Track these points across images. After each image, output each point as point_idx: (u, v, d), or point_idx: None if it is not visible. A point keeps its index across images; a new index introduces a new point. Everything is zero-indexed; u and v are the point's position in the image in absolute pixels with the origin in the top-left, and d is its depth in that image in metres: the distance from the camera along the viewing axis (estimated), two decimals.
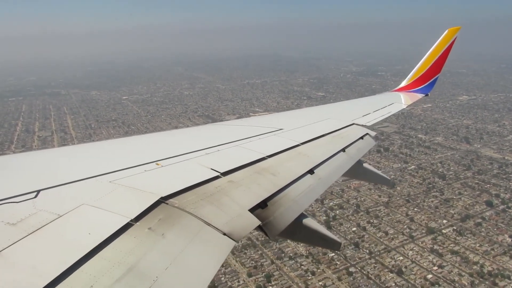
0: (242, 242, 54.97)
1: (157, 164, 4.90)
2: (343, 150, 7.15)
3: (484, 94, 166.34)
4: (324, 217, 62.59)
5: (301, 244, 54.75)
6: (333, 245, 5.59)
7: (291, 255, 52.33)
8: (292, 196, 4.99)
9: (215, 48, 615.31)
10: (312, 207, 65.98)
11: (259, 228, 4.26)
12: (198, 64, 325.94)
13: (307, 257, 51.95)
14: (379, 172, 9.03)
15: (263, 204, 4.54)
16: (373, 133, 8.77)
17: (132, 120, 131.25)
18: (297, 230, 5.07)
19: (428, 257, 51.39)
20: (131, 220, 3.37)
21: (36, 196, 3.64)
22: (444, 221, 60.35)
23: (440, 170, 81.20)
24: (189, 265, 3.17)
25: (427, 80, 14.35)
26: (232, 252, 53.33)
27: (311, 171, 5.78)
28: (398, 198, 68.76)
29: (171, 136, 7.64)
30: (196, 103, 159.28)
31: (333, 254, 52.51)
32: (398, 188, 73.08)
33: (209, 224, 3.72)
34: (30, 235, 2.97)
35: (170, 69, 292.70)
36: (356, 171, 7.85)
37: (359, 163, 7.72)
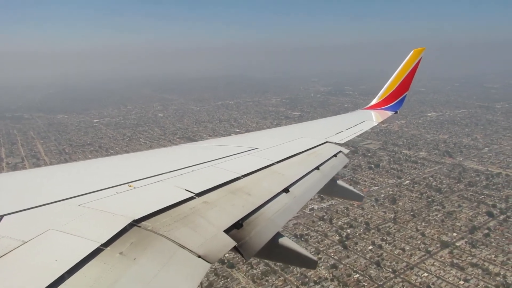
0: (261, 268, 52.36)
1: (130, 186, 4.77)
2: (317, 168, 7.12)
3: (449, 110, 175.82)
4: (337, 237, 61.24)
5: (323, 267, 53.05)
6: (310, 264, 5.55)
7: (315, 279, 50.14)
8: (267, 215, 4.89)
9: (180, 69, 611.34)
10: (322, 227, 64.71)
11: (235, 249, 4.10)
12: (166, 85, 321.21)
13: (332, 280, 50.00)
14: (352, 188, 9.11)
15: (238, 225, 4.40)
16: (346, 151, 8.79)
17: (109, 144, 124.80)
18: (273, 249, 4.99)
19: (451, 271, 51.27)
20: (101, 245, 3.21)
21: None
22: (454, 234, 61.02)
23: (433, 184, 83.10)
24: None
25: (396, 98, 14.90)
26: (253, 280, 50.57)
27: (286, 190, 5.71)
28: (403, 214, 69.05)
29: (144, 157, 7.48)
30: (173, 125, 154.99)
31: (358, 275, 51.15)
32: (400, 203, 73.61)
33: (183, 247, 3.60)
34: None
35: (138, 91, 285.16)
36: (330, 188, 7.86)
37: (333, 180, 7.65)
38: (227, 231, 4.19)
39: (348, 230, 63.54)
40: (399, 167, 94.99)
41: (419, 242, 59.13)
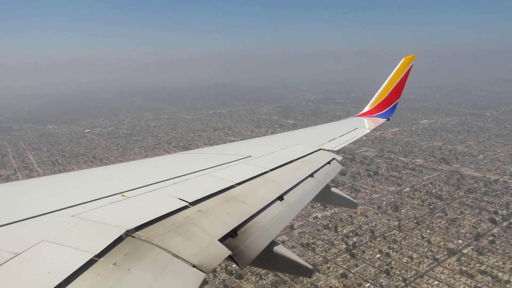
0: (270, 279, 51.36)
1: (123, 196, 4.74)
2: (311, 175, 7.14)
3: (440, 117, 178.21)
4: (344, 246, 60.66)
5: (332, 276, 52.34)
6: (305, 272, 5.54)
7: None
8: (262, 223, 4.87)
9: (169, 78, 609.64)
10: (328, 236, 64.09)
11: (230, 258, 4.07)
12: (157, 95, 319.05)
13: None
14: (346, 195, 9.14)
15: (233, 233, 4.39)
16: (339, 158, 8.83)
17: (103, 154, 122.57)
18: (268, 258, 4.98)
19: (461, 279, 51.05)
20: (94, 256, 3.19)
21: None
22: (460, 241, 61.04)
23: (433, 191, 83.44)
24: None
25: (388, 105, 15.07)
26: None
27: (280, 198, 5.71)
28: (407, 221, 68.94)
29: (137, 166, 7.50)
30: (167, 134, 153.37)
31: (369, 284, 50.55)
32: (403, 211, 73.61)
33: (177, 257, 3.57)
34: None
35: (128, 100, 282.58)
36: (325, 195, 7.96)
37: (327, 187, 7.73)
38: (221, 240, 4.15)
39: (354, 239, 63.02)
40: (397, 174, 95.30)
41: (426, 249, 58.92)
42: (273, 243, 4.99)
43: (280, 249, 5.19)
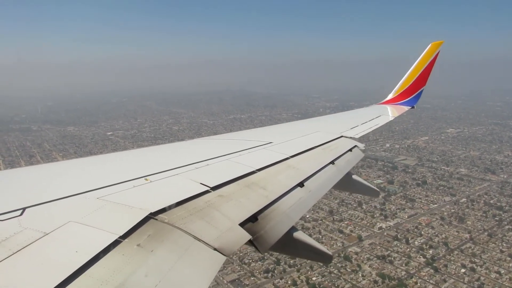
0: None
1: (146, 180, 4.73)
2: (332, 162, 7.02)
3: (466, 127, 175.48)
4: (423, 259, 57.57)
5: None
6: (325, 258, 5.47)
7: None
8: (282, 209, 4.84)
9: (177, 83, 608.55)
10: (401, 248, 60.92)
11: (250, 242, 4.08)
12: (170, 99, 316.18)
13: None
14: (368, 183, 8.87)
15: (253, 218, 4.36)
16: (361, 145, 8.66)
17: None
18: (288, 243, 4.95)
19: None
20: (119, 237, 3.25)
21: (21, 214, 3.50)
22: None
23: (491, 201, 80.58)
24: (179, 282, 3.09)
25: (413, 93, 14.46)
26: None
27: (301, 184, 5.64)
28: (478, 234, 65.93)
29: (160, 151, 7.44)
30: (193, 139, 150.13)
31: None
32: (469, 222, 70.69)
33: (199, 240, 3.62)
34: (15, 254, 2.86)
35: (142, 104, 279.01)
36: (346, 183, 7.74)
37: (348, 175, 7.59)
38: (242, 224, 4.13)
39: (430, 251, 59.92)
40: (447, 184, 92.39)
41: (511, 264, 55.85)
42: (293, 229, 4.90)
43: (300, 235, 5.07)
